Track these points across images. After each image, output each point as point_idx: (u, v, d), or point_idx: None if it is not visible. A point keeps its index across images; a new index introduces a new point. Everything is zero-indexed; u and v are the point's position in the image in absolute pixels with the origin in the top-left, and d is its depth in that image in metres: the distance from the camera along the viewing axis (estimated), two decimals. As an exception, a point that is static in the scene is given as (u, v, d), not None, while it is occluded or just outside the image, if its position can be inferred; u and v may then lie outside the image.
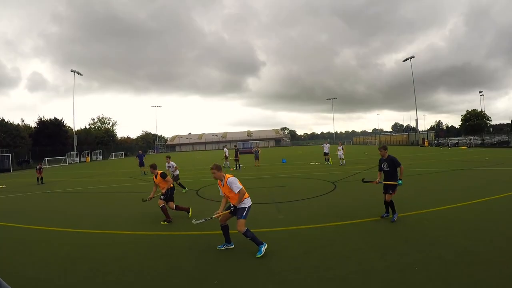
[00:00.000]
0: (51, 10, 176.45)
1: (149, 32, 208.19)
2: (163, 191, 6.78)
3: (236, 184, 4.52)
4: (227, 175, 4.68)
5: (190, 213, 7.01)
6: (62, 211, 8.74)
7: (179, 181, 11.21)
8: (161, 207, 6.64)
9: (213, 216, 4.66)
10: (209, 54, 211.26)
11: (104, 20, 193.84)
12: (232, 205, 4.70)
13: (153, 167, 7.04)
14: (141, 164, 20.04)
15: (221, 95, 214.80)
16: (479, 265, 3.80)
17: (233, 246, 4.85)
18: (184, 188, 11.00)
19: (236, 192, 4.50)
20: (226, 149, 22.48)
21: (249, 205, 4.63)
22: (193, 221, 4.85)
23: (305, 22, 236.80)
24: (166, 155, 12.48)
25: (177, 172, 11.40)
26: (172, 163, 11.49)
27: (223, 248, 4.83)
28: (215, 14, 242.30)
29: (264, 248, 4.43)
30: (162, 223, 6.52)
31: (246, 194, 4.63)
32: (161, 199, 6.72)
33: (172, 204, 6.81)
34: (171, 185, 6.92)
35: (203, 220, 4.83)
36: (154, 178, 6.99)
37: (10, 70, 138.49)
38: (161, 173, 6.86)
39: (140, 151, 21.47)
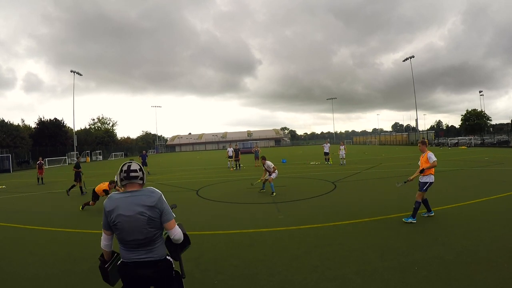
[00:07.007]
0: (42, 11, 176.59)
1: (142, 31, 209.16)
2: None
3: (433, 157, 5.78)
4: (428, 150, 5.96)
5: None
6: (62, 211, 8.75)
7: None
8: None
9: (410, 178, 5.99)
10: (204, 53, 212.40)
11: (94, 20, 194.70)
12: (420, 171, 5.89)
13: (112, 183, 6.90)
14: (144, 164, 20.27)
15: (218, 94, 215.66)
16: (479, 265, 3.80)
17: (433, 214, 5.96)
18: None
19: (430, 162, 5.75)
20: (231, 149, 20.90)
21: (431, 181, 5.71)
22: (397, 185, 6.44)
23: (302, 21, 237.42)
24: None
25: None
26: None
27: (425, 216, 5.94)
28: (208, 13, 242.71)
29: (411, 220, 5.62)
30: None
31: (433, 171, 5.81)
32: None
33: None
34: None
35: (402, 183, 6.22)
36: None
37: (5, 71, 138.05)
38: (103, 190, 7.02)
39: (143, 151, 21.87)
